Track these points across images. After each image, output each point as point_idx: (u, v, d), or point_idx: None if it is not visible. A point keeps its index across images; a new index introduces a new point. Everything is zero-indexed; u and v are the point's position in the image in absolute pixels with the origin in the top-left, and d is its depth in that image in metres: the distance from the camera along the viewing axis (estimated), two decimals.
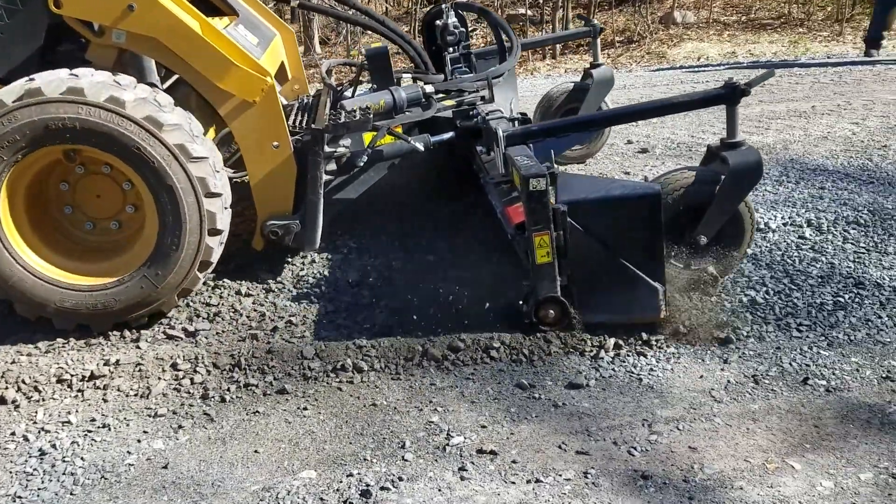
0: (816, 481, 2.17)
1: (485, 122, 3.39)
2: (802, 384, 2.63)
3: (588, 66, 4.44)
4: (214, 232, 3.00)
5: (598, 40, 4.52)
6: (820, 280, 3.26)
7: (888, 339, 2.85)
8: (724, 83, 3.02)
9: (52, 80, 2.83)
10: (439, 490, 2.22)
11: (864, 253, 3.49)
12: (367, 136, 3.38)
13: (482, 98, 3.69)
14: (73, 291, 2.99)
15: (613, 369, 2.79)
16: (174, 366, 2.88)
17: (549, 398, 2.65)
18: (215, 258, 3.08)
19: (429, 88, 3.59)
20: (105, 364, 2.89)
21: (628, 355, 2.85)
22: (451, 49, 4.01)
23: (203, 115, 3.27)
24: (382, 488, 2.22)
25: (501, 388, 2.72)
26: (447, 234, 3.77)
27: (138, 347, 3.04)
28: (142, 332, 3.13)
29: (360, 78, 3.91)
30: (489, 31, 9.74)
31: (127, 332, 3.12)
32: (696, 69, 8.24)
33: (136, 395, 2.77)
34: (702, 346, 2.88)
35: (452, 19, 4.01)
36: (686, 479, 2.22)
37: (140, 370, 2.86)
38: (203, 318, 3.20)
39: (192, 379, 2.82)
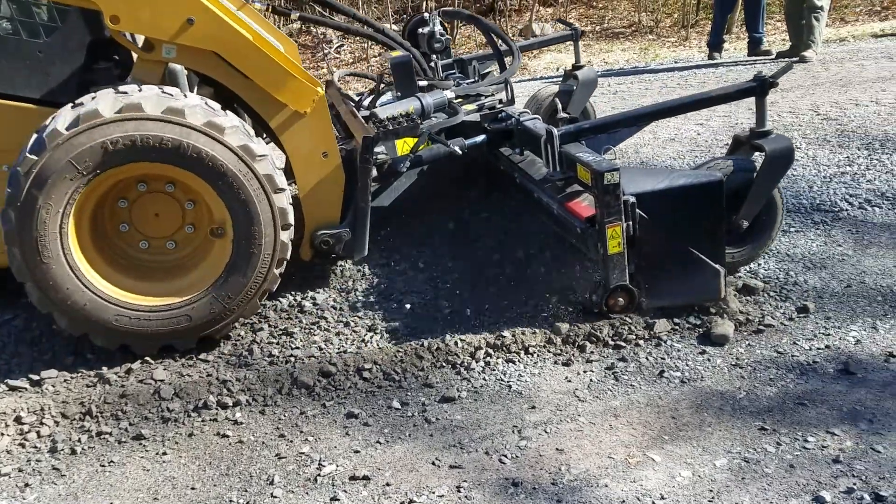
0: (676, 472, 2.28)
1: (520, 124, 3.43)
2: (659, 377, 2.76)
3: (570, 67, 4.46)
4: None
5: (580, 42, 4.60)
6: None
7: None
8: (754, 77, 3.17)
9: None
10: None
11: None
12: (399, 143, 3.36)
13: (500, 101, 3.72)
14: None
15: (484, 379, 2.82)
16: (18, 419, 2.66)
17: (423, 415, 2.64)
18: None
19: (449, 94, 3.61)
20: None
21: (497, 364, 2.89)
22: (436, 56, 4.01)
23: None
24: None
25: (375, 409, 2.69)
26: None
27: None
28: None
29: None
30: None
31: None
32: (556, 79, 8.53)
33: None
34: (568, 348, 2.97)
35: (438, 27, 4.04)
36: (554, 482, 2.27)
37: None
38: (48, 365, 2.96)
39: (38, 432, 2.61)
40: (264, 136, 3.43)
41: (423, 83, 3.71)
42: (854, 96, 5.89)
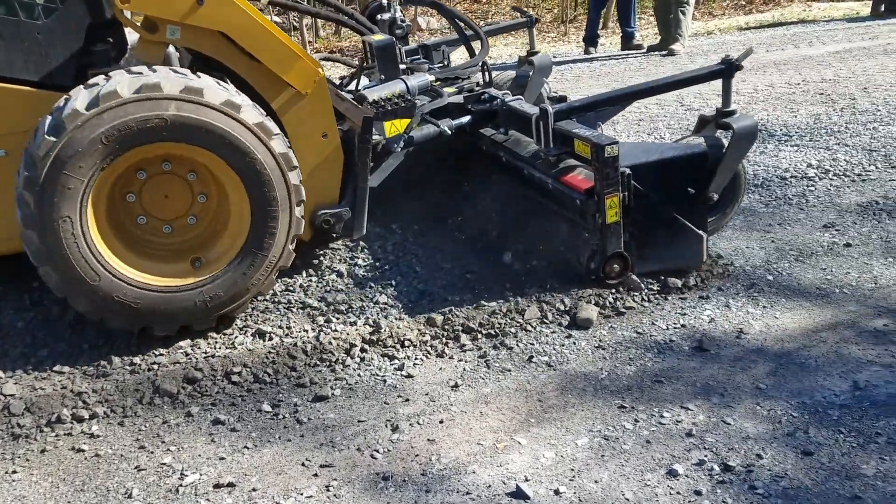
0: (540, 453, 2.34)
1: (505, 105, 3.52)
2: (528, 363, 2.84)
3: (525, 53, 4.53)
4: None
5: (534, 29, 4.75)
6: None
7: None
8: (722, 60, 3.35)
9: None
10: None
11: None
12: (387, 124, 3.38)
13: (477, 84, 3.80)
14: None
15: (359, 375, 2.81)
16: None
17: (295, 416, 2.60)
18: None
19: (430, 77, 3.65)
20: None
21: (373, 359, 2.89)
22: (398, 41, 3.97)
23: None
24: None
25: (243, 413, 2.62)
26: None
27: None
28: None
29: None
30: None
31: None
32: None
33: None
34: (444, 339, 3.00)
35: (399, 13, 4.09)
36: (424, 473, 2.28)
37: None
38: None
39: None
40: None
41: (402, 66, 3.78)
42: (716, 87, 6.19)
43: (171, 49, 2.97)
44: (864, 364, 2.65)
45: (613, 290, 3.17)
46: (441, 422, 2.53)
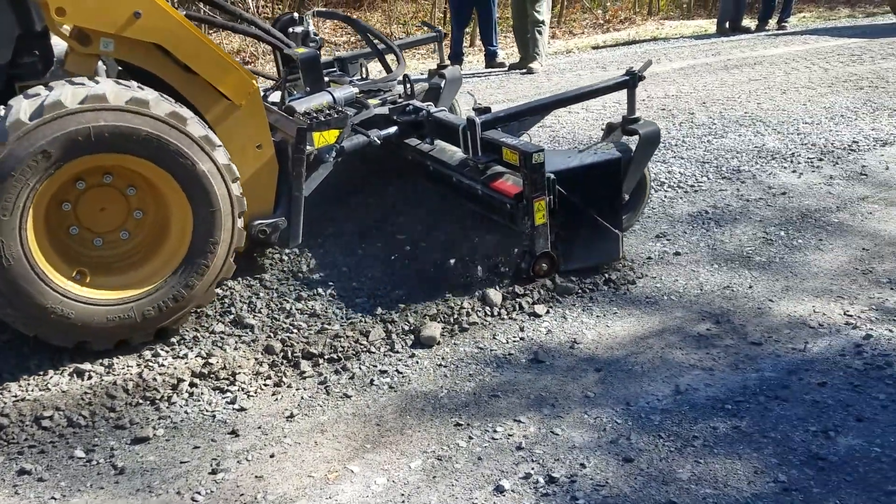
0: (372, 480, 2.28)
1: (430, 115, 3.69)
2: (370, 386, 2.77)
3: (435, 67, 4.61)
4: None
5: (444, 43, 4.95)
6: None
7: None
8: (626, 72, 3.58)
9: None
10: None
11: None
12: (316, 136, 3.41)
13: (399, 96, 3.94)
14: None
15: (186, 412, 2.65)
16: None
17: (111, 461, 2.41)
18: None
19: (354, 89, 3.80)
20: None
21: (203, 393, 2.73)
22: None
23: None
24: None
25: (53, 461, 2.41)
26: None
27: None
28: None
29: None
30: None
31: None
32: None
33: None
34: (282, 367, 2.89)
35: (312, 27, 4.19)
36: None
37: None
38: None
39: None
40: None
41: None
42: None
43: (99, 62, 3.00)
44: (686, 368, 2.76)
45: (459, 307, 3.18)
46: (272, 456, 2.42)
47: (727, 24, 10.65)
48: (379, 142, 3.60)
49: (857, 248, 3.64)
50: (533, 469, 2.28)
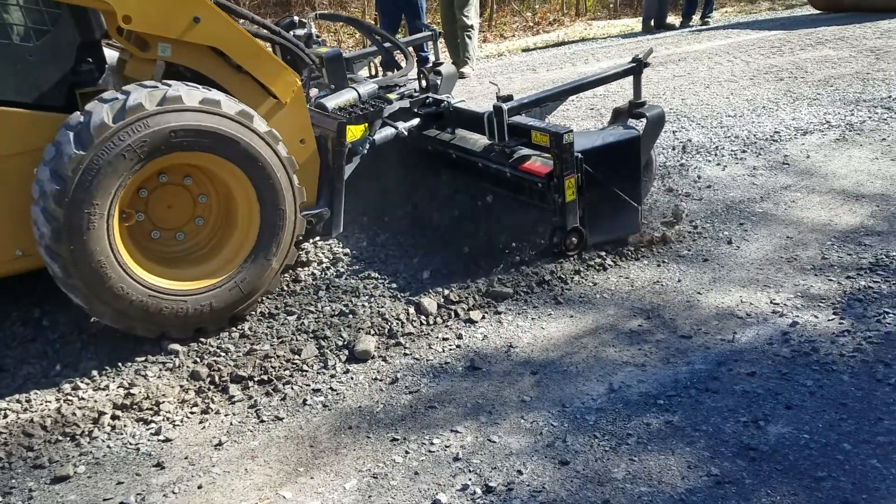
0: None
1: (451, 106, 3.88)
2: (302, 406, 2.70)
3: (432, 64, 4.66)
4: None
5: (439, 42, 5.03)
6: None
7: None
8: (632, 59, 3.78)
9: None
10: None
11: None
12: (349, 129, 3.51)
13: (415, 90, 4.09)
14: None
15: (109, 446, 2.53)
16: None
17: (28, 503, 2.28)
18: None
19: (375, 85, 3.95)
20: None
21: (126, 426, 2.61)
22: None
23: None
24: None
25: None
26: None
27: None
28: None
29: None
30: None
31: None
32: None
33: None
34: (209, 393, 2.78)
35: (314, 30, 4.29)
36: None
37: None
38: None
39: None
40: None
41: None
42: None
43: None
44: (619, 366, 2.77)
45: (394, 318, 3.12)
46: (200, 487, 2.32)
47: (652, 22, 10.88)
48: (406, 134, 3.75)
49: (781, 237, 3.73)
50: (470, 480, 2.25)
